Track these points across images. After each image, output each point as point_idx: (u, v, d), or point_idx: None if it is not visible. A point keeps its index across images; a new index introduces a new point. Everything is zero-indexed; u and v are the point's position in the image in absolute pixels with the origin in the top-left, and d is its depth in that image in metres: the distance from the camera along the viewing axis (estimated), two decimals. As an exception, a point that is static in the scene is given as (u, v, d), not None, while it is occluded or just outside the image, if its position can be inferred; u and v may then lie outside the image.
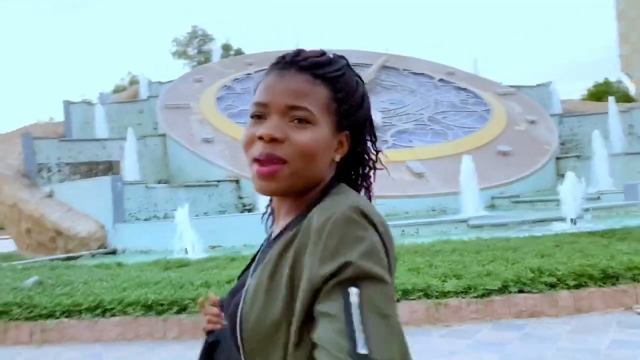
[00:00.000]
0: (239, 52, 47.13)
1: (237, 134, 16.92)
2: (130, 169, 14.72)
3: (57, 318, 5.22)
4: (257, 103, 0.99)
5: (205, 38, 47.76)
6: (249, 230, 11.00)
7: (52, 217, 12.25)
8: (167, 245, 10.95)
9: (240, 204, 14.89)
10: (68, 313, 5.23)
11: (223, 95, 19.92)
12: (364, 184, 1.08)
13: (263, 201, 13.55)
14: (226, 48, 48.87)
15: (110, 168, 16.51)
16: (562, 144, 19.23)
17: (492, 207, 14.06)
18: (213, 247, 10.70)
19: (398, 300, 4.87)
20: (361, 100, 1.03)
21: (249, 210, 14.67)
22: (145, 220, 12.58)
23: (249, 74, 22.06)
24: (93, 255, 11.19)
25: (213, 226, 11.13)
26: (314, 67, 0.98)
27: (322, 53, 1.02)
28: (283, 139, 0.94)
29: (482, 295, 4.81)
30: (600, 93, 41.13)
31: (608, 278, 4.89)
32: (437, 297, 4.84)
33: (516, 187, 15.40)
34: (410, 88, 21.45)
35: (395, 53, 24.29)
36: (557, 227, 9.34)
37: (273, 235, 1.04)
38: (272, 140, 0.94)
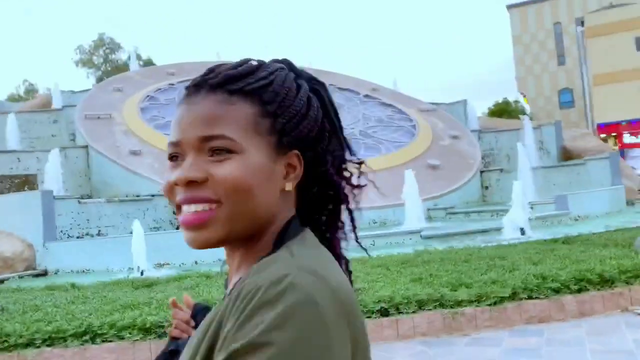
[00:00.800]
0: (149, 62, 45.63)
1: (165, 145, 16.22)
2: (52, 184, 13.60)
3: (38, 347, 4.63)
4: (170, 143, 0.81)
5: (114, 46, 45.76)
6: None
7: (-32, 235, 11.03)
8: (107, 264, 10.23)
9: (175, 219, 14.21)
10: (50, 341, 4.66)
11: (147, 106, 19.08)
12: (335, 223, 0.86)
13: None
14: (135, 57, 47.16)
15: (26, 182, 15.22)
16: (481, 158, 20.28)
17: (428, 218, 14.47)
18: (161, 265, 10.12)
19: (414, 312, 4.82)
20: (306, 108, 0.80)
21: (185, 226, 14.09)
22: (78, 238, 11.67)
23: (171, 84, 21.32)
24: (21, 277, 10.18)
25: (159, 243, 10.51)
26: (227, 83, 0.78)
27: (242, 63, 0.81)
28: (203, 179, 0.74)
29: (494, 303, 4.88)
30: (501, 111, 44.07)
31: (605, 282, 5.14)
32: (451, 307, 4.83)
33: (447, 200, 15.98)
34: (339, 103, 21.51)
35: (320, 68, 24.58)
36: (506, 236, 9.76)
37: (225, 294, 0.79)
38: (189, 183, 0.74)
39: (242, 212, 0.74)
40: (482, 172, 18.08)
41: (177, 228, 13.73)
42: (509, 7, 50.82)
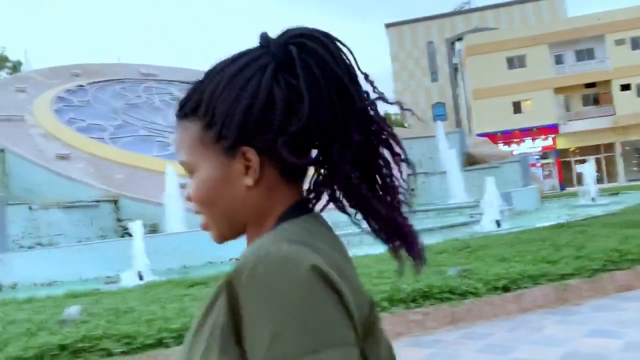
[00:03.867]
0: (17, 65, 41.74)
1: (97, 150, 15.13)
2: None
3: (168, 347, 4.22)
4: None
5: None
6: (184, 249, 10.03)
7: None
8: (80, 274, 9.31)
9: (119, 227, 13.23)
10: (181, 339, 4.26)
11: (61, 108, 17.56)
12: (338, 203, 0.85)
13: (149, 224, 12.19)
14: (1, 60, 42.95)
15: None
16: (400, 163, 21.33)
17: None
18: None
19: (526, 287, 5.13)
20: (247, 102, 0.78)
21: (130, 235, 13.13)
22: (30, 248, 10.44)
23: (81, 86, 19.84)
24: (-24, 294, 8.89)
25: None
26: (180, 110, 0.84)
27: (194, 84, 0.85)
28: (189, 197, 0.85)
29: (590, 275, 5.35)
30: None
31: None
32: (557, 280, 5.22)
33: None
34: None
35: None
36: (484, 229, 10.48)
37: None
38: (188, 200, 0.86)
39: (216, 218, 0.82)
40: (408, 175, 19.02)
41: (122, 236, 12.82)
42: (387, 25, 53.87)
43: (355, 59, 0.82)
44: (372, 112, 0.81)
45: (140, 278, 8.24)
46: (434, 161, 21.59)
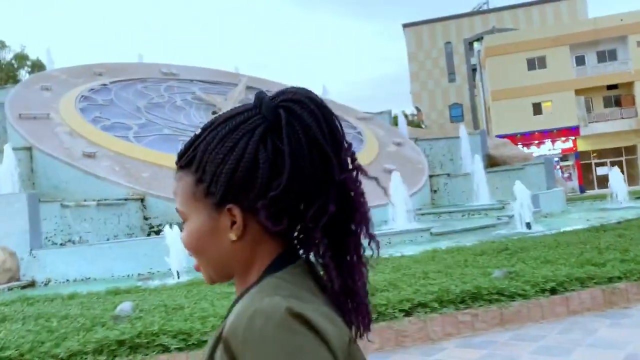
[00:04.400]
0: (37, 63, 42.27)
1: (121, 148, 15.23)
2: (7, 186, 12.12)
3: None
4: None
5: (-3, 44, 41.76)
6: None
7: None
8: (111, 271, 9.39)
9: (146, 225, 13.31)
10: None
11: (85, 107, 17.70)
12: (316, 250, 0.88)
13: (174, 223, 12.25)
14: (21, 58, 43.52)
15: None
16: (422, 164, 21.23)
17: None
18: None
19: (573, 290, 5.07)
20: (234, 162, 0.83)
21: (157, 233, 13.20)
22: (62, 245, 10.53)
23: (104, 85, 19.99)
24: (10, 289, 8.99)
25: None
26: (178, 160, 0.90)
27: (195, 135, 0.91)
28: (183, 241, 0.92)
29: (638, 279, 5.28)
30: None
31: None
32: (604, 283, 5.15)
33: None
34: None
35: (254, 75, 24.36)
36: (514, 231, 10.39)
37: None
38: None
39: (205, 264, 0.88)
40: (430, 176, 18.96)
41: (148, 234, 12.89)
42: (405, 25, 53.68)
43: (340, 126, 0.87)
44: (350, 185, 0.85)
45: (178, 276, 8.28)
46: (454, 163, 21.49)
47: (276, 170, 0.82)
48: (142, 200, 13.27)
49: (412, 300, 4.64)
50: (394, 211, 13.04)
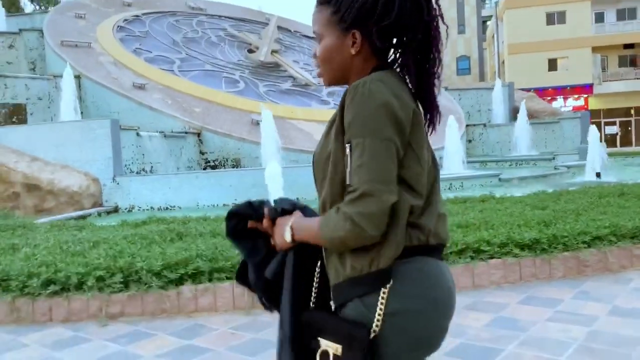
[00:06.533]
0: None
1: (170, 82, 15.00)
2: (69, 114, 11.98)
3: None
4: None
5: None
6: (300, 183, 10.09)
7: (17, 167, 9.48)
8: (197, 200, 9.45)
9: (202, 160, 13.30)
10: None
11: (123, 37, 17.27)
12: (404, 66, 1.31)
13: (230, 158, 12.26)
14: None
15: (15, 112, 13.20)
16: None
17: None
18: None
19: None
20: (363, 3, 1.26)
21: (213, 167, 13.21)
22: (137, 173, 10.53)
23: (136, 16, 19.47)
24: (99, 215, 9.06)
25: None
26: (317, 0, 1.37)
27: None
28: (314, 54, 1.38)
29: None
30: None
31: None
32: None
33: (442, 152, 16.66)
34: (309, 50, 21.34)
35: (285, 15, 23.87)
36: (584, 179, 10.61)
37: None
38: (314, 56, 1.38)
39: (329, 71, 1.34)
40: (467, 126, 19.06)
41: (205, 169, 12.89)
42: (417, -28, 52.36)
43: None
44: (432, 26, 1.29)
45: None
46: (482, 114, 21.58)
47: (387, 8, 1.24)
48: (198, 134, 13.21)
49: (590, 233, 4.81)
50: (448, 156, 13.19)
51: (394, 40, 1.30)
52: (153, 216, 6.62)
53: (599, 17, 35.88)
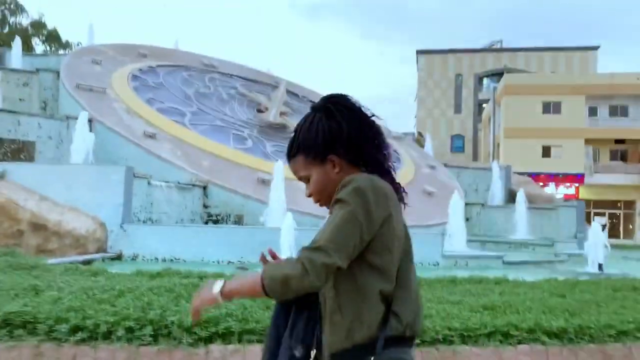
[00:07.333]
0: (53, 33, 41.63)
1: (180, 133, 15.18)
2: (79, 156, 12.00)
3: (452, 343, 4.36)
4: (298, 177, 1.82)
5: (15, 8, 40.97)
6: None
7: (26, 205, 9.41)
8: (202, 255, 9.36)
9: (205, 213, 13.28)
10: (463, 339, 4.41)
11: (137, 86, 17.59)
12: (370, 167, 1.73)
13: (234, 214, 12.21)
14: (38, 26, 42.69)
15: (22, 150, 13.22)
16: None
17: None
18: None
19: None
20: (321, 135, 1.70)
21: (215, 222, 13.16)
22: (144, 222, 10.48)
23: (151, 67, 19.88)
24: (103, 260, 8.93)
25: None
26: (289, 155, 1.79)
27: (291, 139, 1.80)
28: (309, 194, 1.77)
29: None
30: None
31: None
32: None
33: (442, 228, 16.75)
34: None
35: (293, 80, 24.53)
36: (585, 270, 10.67)
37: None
38: (310, 195, 1.77)
39: (324, 195, 1.73)
40: (465, 204, 19.26)
41: (206, 222, 12.84)
42: (419, 52, 54.40)
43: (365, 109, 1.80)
44: (376, 140, 1.75)
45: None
46: (478, 193, 21.88)
47: (338, 134, 1.68)
48: (204, 187, 13.25)
49: (615, 327, 4.84)
50: (452, 232, 13.27)
51: (360, 151, 1.71)
52: (168, 268, 6.54)
53: (592, 111, 37.23)
